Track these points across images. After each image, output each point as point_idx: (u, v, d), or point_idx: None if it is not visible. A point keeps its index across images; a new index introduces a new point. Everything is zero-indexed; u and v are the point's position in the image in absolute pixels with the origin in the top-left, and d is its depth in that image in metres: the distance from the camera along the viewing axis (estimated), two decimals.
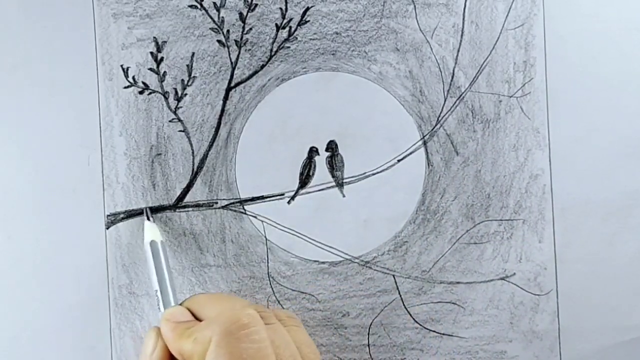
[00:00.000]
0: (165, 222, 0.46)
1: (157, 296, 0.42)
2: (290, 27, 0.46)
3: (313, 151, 0.46)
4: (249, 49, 0.46)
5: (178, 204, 0.46)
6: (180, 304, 0.41)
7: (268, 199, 0.46)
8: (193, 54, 0.46)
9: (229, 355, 0.34)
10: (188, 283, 0.46)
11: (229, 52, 0.46)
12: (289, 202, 0.46)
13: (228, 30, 0.46)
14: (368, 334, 0.46)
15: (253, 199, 0.46)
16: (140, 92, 0.46)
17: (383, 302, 0.46)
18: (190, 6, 0.46)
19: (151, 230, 0.43)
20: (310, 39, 0.46)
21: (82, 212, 0.45)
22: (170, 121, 0.46)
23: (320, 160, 0.46)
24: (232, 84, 0.46)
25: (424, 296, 0.46)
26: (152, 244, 0.43)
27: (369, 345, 0.46)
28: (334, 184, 0.46)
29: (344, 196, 0.46)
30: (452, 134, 0.47)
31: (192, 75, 0.46)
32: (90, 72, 0.46)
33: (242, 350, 0.35)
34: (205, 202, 0.46)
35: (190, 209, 0.46)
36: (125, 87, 0.46)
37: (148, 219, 0.44)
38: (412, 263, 0.46)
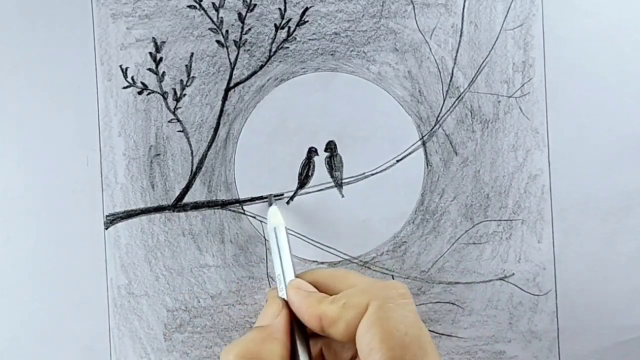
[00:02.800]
0: (164, 222, 0.46)
1: (278, 280, 0.41)
2: (289, 28, 0.46)
3: (312, 151, 0.46)
4: (248, 49, 0.46)
5: (177, 204, 0.46)
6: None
7: (267, 199, 0.46)
8: (192, 54, 0.46)
9: (390, 320, 0.35)
10: (187, 283, 0.46)
11: (227, 52, 0.46)
12: (288, 203, 0.46)
13: (227, 31, 0.46)
14: None
15: (252, 199, 0.46)
16: (139, 93, 0.46)
17: None
18: (189, 6, 0.46)
19: (274, 216, 0.43)
20: (309, 40, 0.46)
21: (81, 213, 0.46)
22: (169, 121, 0.46)
23: (319, 160, 0.46)
24: (231, 84, 0.46)
25: (423, 296, 0.46)
26: (276, 229, 0.43)
27: None
28: (333, 184, 0.46)
29: (343, 196, 0.46)
30: (451, 134, 0.47)
31: (191, 75, 0.46)
32: (89, 73, 0.46)
33: (402, 317, 0.35)
34: (205, 202, 0.46)
35: (190, 209, 0.46)
36: (124, 88, 0.46)
37: (271, 204, 0.44)
38: (411, 263, 0.46)
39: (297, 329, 0.39)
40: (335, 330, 0.37)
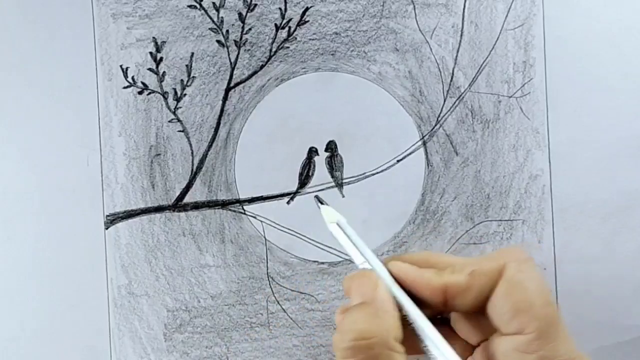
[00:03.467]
0: (164, 222, 0.46)
1: (363, 266, 0.38)
2: (290, 28, 0.46)
3: (312, 151, 0.46)
4: (249, 49, 0.46)
5: (177, 204, 0.46)
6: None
7: (267, 199, 0.46)
8: (192, 54, 0.46)
9: (534, 279, 0.34)
10: (187, 283, 0.46)
11: (228, 52, 0.46)
12: (288, 203, 0.46)
13: (227, 31, 0.46)
14: None
15: (252, 200, 0.46)
16: (140, 93, 0.46)
17: None
18: (190, 6, 0.46)
19: (329, 214, 0.42)
20: (310, 39, 0.46)
21: (82, 213, 0.45)
22: (169, 121, 0.46)
23: (320, 160, 0.46)
24: (232, 84, 0.46)
25: None
26: (340, 224, 0.41)
27: None
28: (333, 184, 0.46)
29: (343, 196, 0.46)
30: (451, 134, 0.47)
31: (192, 75, 0.46)
32: (89, 73, 0.46)
33: (538, 278, 0.35)
34: (205, 202, 0.46)
35: (190, 209, 0.46)
36: (124, 88, 0.46)
37: (322, 203, 0.43)
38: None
39: (406, 299, 0.36)
40: (463, 301, 0.35)
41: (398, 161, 0.46)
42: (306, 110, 0.46)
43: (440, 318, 0.38)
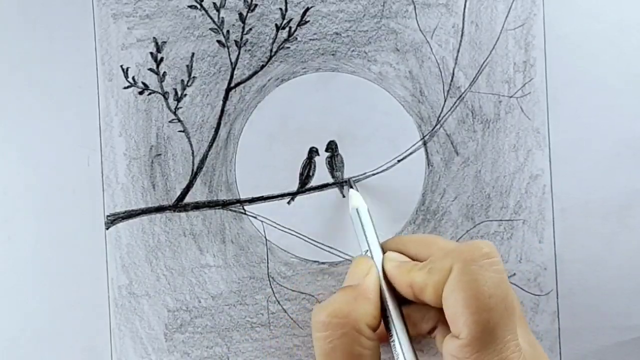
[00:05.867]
0: (164, 222, 0.46)
1: (367, 254, 0.42)
2: (290, 28, 0.46)
3: (313, 151, 0.46)
4: (249, 50, 0.46)
5: (178, 205, 0.46)
6: (384, 246, 0.41)
7: (268, 199, 0.46)
8: (193, 54, 0.46)
9: (472, 282, 0.34)
10: (188, 283, 0.46)
11: (228, 52, 0.46)
12: (288, 203, 0.46)
13: (228, 31, 0.46)
14: None
15: (253, 200, 0.46)
16: (140, 93, 0.46)
17: None
18: (190, 6, 0.46)
19: (355, 199, 0.43)
20: (310, 40, 0.46)
21: (82, 213, 0.45)
22: (170, 121, 0.46)
23: (320, 160, 0.46)
24: (232, 85, 0.46)
25: None
26: (359, 210, 0.42)
27: None
28: (334, 184, 0.46)
29: (344, 196, 0.46)
30: (452, 134, 0.47)
31: (192, 75, 0.46)
32: (89, 73, 0.46)
33: (486, 278, 0.34)
34: (206, 202, 0.46)
35: (190, 209, 0.46)
36: (125, 88, 0.46)
37: (351, 187, 0.44)
38: None
39: (389, 292, 0.38)
40: (425, 296, 0.36)
41: (398, 161, 0.46)
42: (307, 111, 0.46)
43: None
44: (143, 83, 0.46)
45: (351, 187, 0.45)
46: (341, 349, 0.36)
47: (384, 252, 0.41)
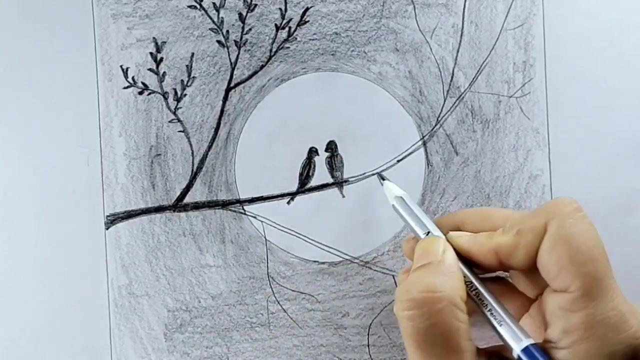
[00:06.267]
0: (164, 222, 0.46)
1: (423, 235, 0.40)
2: (290, 28, 0.46)
3: (312, 151, 0.46)
4: (249, 50, 0.46)
5: (178, 205, 0.46)
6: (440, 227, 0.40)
7: (268, 199, 0.46)
8: (192, 54, 0.46)
9: (575, 236, 0.33)
10: (188, 284, 0.46)
11: (228, 52, 0.46)
12: (288, 203, 0.46)
13: (227, 31, 0.46)
14: (368, 334, 0.46)
15: (253, 200, 0.46)
16: (140, 93, 0.46)
17: (383, 302, 0.46)
18: (190, 6, 0.46)
19: (394, 189, 0.42)
20: (310, 40, 0.46)
21: (82, 213, 0.45)
22: (169, 122, 0.46)
23: (320, 160, 0.46)
24: (232, 85, 0.46)
25: None
26: (403, 198, 0.41)
27: (368, 346, 0.46)
28: (333, 184, 0.46)
29: (343, 196, 0.46)
30: (451, 134, 0.47)
31: (192, 75, 0.46)
32: (89, 73, 0.46)
33: (584, 230, 0.34)
34: (205, 202, 0.46)
35: (190, 209, 0.46)
36: (124, 88, 0.46)
37: (383, 179, 0.43)
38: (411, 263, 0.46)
39: (468, 269, 0.37)
40: (514, 260, 0.35)
41: (398, 161, 0.46)
42: (306, 111, 0.46)
43: (497, 277, 0.39)
44: (143, 83, 0.46)
45: (382, 179, 0.43)
46: (440, 325, 0.33)
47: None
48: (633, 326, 0.33)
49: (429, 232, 0.39)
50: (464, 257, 0.37)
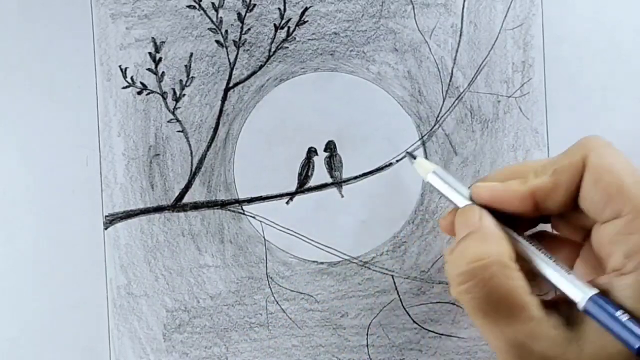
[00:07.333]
0: (163, 222, 0.46)
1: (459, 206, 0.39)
2: (289, 28, 0.46)
3: (311, 151, 0.46)
4: (248, 49, 0.46)
5: (176, 205, 0.46)
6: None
7: (267, 199, 0.46)
8: (191, 54, 0.46)
9: (618, 163, 0.34)
10: (186, 284, 0.46)
11: (227, 52, 0.46)
12: (287, 203, 0.46)
13: (226, 31, 0.46)
14: (367, 334, 0.46)
15: (251, 200, 0.46)
16: (139, 93, 0.46)
17: (382, 302, 0.46)
18: (189, 6, 0.46)
19: (427, 164, 0.41)
20: (309, 39, 0.46)
21: (81, 213, 0.45)
22: (168, 121, 0.46)
23: (319, 160, 0.46)
24: (231, 85, 0.46)
25: (422, 296, 0.46)
26: (436, 171, 0.40)
27: (367, 346, 0.46)
28: (332, 184, 0.46)
29: (342, 196, 0.46)
30: (450, 134, 0.47)
31: (191, 75, 0.46)
32: (88, 73, 0.46)
33: (623, 158, 0.35)
34: (204, 202, 0.46)
35: (189, 209, 0.46)
36: (123, 88, 0.46)
37: (414, 158, 0.42)
38: (410, 263, 0.46)
39: (509, 228, 0.36)
40: (553, 201, 0.35)
41: (397, 161, 0.46)
42: (305, 111, 0.46)
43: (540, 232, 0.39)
44: (141, 83, 0.46)
45: (414, 157, 0.42)
46: (497, 289, 0.33)
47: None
48: None
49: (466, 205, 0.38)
50: (502, 217, 0.37)
